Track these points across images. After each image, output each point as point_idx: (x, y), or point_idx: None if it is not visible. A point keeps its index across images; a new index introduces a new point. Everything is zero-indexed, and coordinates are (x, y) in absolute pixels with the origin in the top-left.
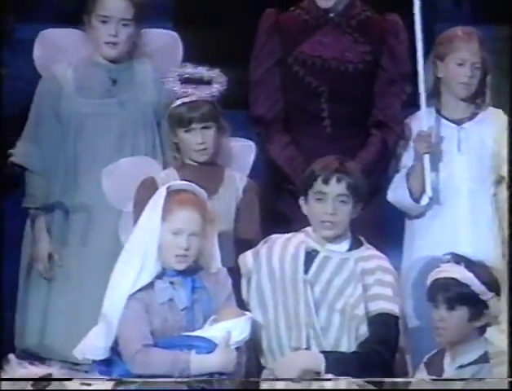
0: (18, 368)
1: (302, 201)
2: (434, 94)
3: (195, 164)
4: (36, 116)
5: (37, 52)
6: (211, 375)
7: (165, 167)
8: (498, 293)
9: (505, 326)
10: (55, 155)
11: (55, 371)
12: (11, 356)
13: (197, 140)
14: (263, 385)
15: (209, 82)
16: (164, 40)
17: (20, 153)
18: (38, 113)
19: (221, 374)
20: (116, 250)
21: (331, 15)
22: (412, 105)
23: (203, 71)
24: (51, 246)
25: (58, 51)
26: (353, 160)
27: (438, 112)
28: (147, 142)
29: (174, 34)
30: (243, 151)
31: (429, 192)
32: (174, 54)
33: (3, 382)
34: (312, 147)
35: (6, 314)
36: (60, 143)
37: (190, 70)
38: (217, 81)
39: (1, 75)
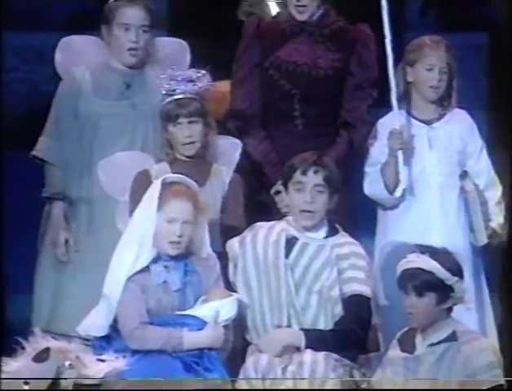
0: (42, 341)
1: (283, 192)
2: (405, 97)
3: (185, 158)
4: (56, 115)
5: (58, 57)
6: (201, 350)
7: (158, 161)
8: (461, 276)
9: (472, 305)
10: (72, 151)
11: (73, 345)
12: (36, 329)
13: (184, 134)
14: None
15: (195, 81)
16: (173, 47)
17: (41, 148)
18: (58, 112)
19: (210, 349)
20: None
21: (306, 25)
22: (386, 107)
23: (190, 72)
24: (68, 232)
25: (77, 56)
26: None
27: (408, 113)
28: (155, 140)
29: (183, 42)
30: (230, 148)
31: (403, 185)
32: (182, 61)
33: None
34: (285, 143)
35: (21, 295)
36: (78, 140)
37: (178, 72)
38: (202, 80)
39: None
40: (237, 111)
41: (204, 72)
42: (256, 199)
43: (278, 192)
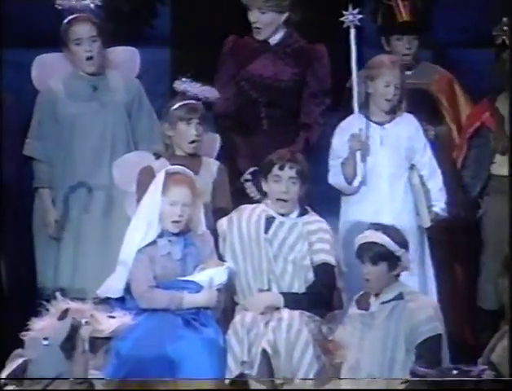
0: (62, 303)
1: (263, 182)
2: (365, 104)
3: (183, 154)
4: (38, 120)
5: (34, 72)
6: (198, 309)
7: (157, 158)
8: (407, 249)
9: (416, 271)
10: (54, 147)
11: (88, 305)
12: (57, 294)
13: (193, 133)
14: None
15: (201, 97)
16: (126, 54)
17: (29, 148)
18: (40, 117)
19: (206, 308)
20: (110, 218)
21: (271, 44)
22: (350, 112)
23: (197, 86)
24: (55, 214)
25: (50, 70)
26: None
27: (367, 117)
28: (123, 130)
29: (134, 49)
30: (211, 141)
31: (359, 178)
32: (133, 65)
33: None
34: (254, 139)
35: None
36: (58, 137)
37: (187, 85)
38: (209, 96)
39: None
40: (217, 113)
41: (209, 87)
42: (239, 186)
43: (247, 180)
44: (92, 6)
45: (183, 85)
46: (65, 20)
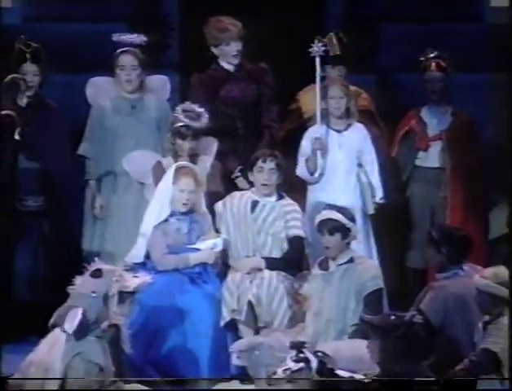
0: (99, 265)
1: (249, 174)
2: (324, 116)
3: (184, 155)
4: (90, 128)
5: (89, 91)
6: (202, 267)
7: (165, 156)
8: (355, 223)
9: (362, 241)
10: (102, 149)
11: (118, 267)
12: (95, 258)
13: (187, 146)
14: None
15: (199, 115)
16: (159, 81)
17: (83, 149)
18: (91, 126)
19: (207, 265)
20: (137, 200)
21: (232, 71)
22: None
23: (195, 107)
24: (101, 200)
25: (100, 90)
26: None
27: (327, 125)
28: (152, 140)
29: (165, 77)
30: (210, 144)
31: (319, 171)
32: (164, 89)
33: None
34: (233, 142)
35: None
36: (104, 143)
37: (187, 106)
38: (203, 115)
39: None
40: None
41: (203, 110)
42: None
43: (236, 177)
44: (138, 41)
45: (180, 114)
46: (117, 51)
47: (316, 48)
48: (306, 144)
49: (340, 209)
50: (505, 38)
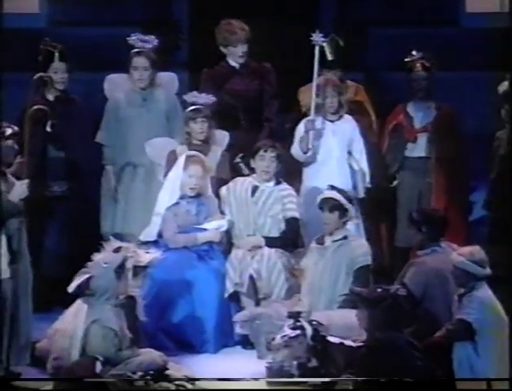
0: (115, 243)
1: (251, 161)
2: (320, 108)
3: (198, 142)
4: (106, 119)
5: (106, 86)
6: (208, 245)
7: (180, 144)
8: (352, 203)
9: (356, 221)
10: (117, 137)
11: (132, 245)
12: (111, 237)
13: (199, 127)
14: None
15: (205, 99)
16: (168, 77)
17: (100, 137)
18: (108, 117)
19: (213, 243)
20: (153, 185)
21: (237, 68)
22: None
23: (202, 95)
24: (115, 183)
25: (116, 85)
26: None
27: (323, 117)
28: (161, 129)
29: (174, 74)
30: (222, 136)
31: (311, 150)
32: (173, 85)
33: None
34: (237, 133)
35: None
36: (119, 131)
37: (194, 93)
38: (208, 100)
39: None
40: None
41: (210, 96)
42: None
43: (237, 163)
44: (151, 45)
45: (191, 97)
46: (131, 52)
47: (317, 38)
48: (301, 126)
49: (340, 191)
50: (480, 40)
